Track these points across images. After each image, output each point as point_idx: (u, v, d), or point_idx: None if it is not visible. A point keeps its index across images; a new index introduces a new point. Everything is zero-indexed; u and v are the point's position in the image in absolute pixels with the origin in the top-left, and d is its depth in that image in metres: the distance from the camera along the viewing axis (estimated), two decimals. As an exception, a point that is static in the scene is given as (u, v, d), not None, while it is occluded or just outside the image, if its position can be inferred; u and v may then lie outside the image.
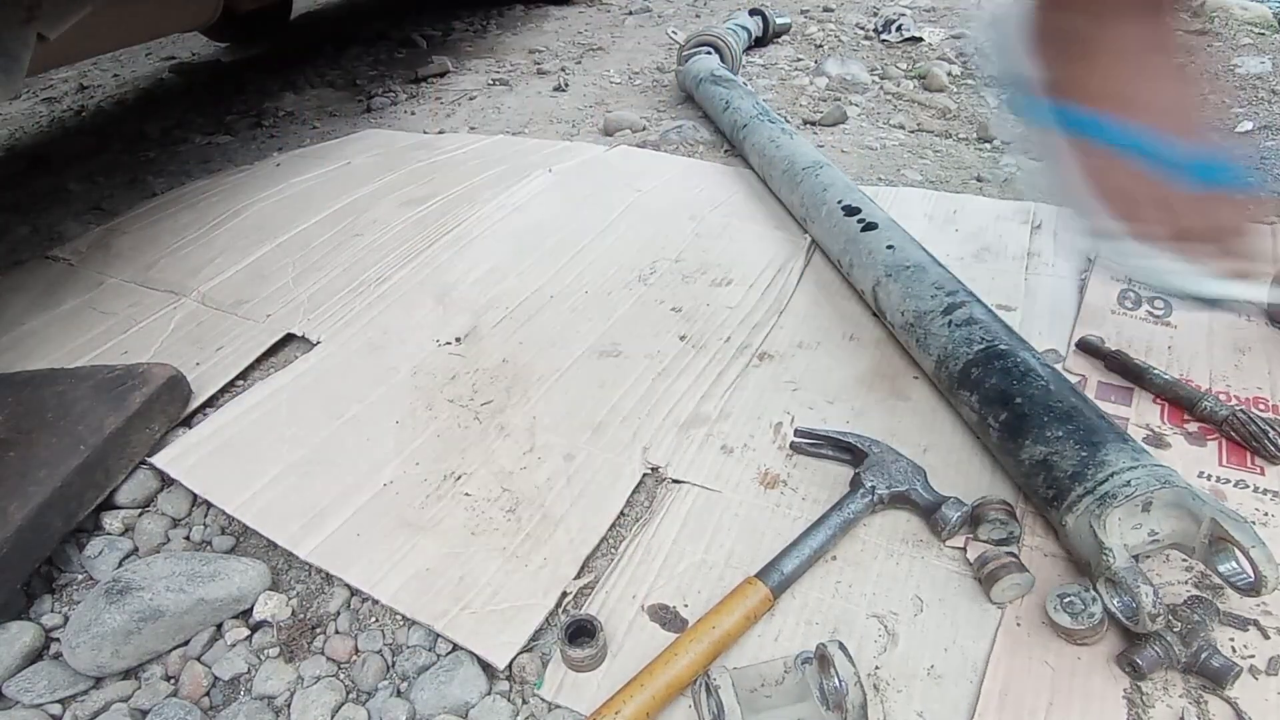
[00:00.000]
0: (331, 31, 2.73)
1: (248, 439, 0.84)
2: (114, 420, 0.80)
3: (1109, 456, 0.60)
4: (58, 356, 1.03)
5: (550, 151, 1.46)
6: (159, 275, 1.19)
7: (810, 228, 1.06)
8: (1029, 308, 0.92)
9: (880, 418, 0.80)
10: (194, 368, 0.95)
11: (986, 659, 0.58)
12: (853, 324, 0.93)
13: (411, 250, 1.15)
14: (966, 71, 1.70)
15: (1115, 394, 0.79)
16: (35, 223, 1.50)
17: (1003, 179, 1.24)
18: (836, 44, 1.95)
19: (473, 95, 1.91)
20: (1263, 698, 0.53)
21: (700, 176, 1.31)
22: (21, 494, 0.72)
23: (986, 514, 0.65)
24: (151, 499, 0.81)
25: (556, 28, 2.40)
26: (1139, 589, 0.52)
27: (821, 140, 1.44)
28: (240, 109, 2.03)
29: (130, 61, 2.73)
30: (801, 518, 0.70)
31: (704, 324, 0.95)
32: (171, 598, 0.67)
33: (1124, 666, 0.55)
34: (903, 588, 0.64)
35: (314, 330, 1.00)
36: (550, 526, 0.72)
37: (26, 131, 2.17)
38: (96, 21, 1.18)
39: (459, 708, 0.60)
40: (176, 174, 1.67)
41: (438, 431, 0.83)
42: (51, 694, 0.64)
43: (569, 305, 1.01)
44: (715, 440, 0.79)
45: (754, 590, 0.61)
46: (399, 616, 0.67)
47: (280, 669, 0.65)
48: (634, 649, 0.61)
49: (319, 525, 0.73)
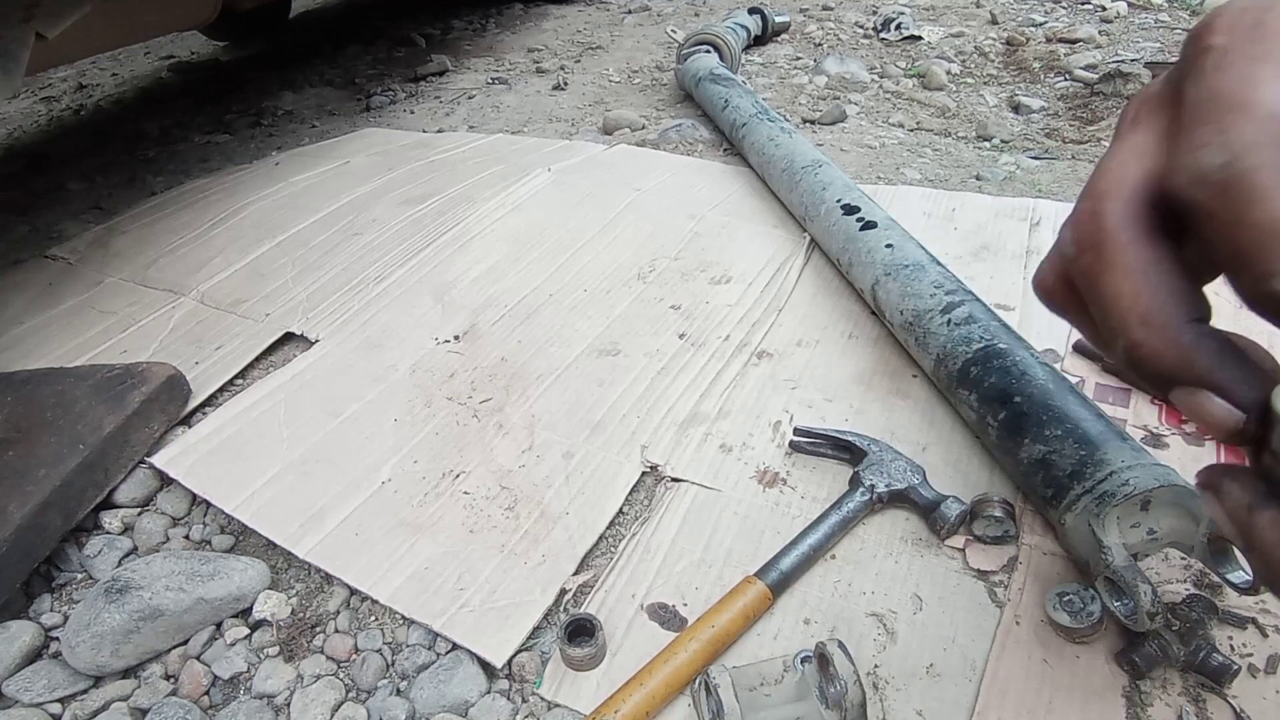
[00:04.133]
0: (330, 30, 2.73)
1: (247, 438, 0.84)
2: (113, 419, 0.80)
3: (1108, 455, 0.60)
4: (57, 355, 1.02)
5: (549, 150, 1.46)
6: (158, 274, 1.19)
7: (809, 226, 1.06)
8: (1027, 307, 0.92)
9: (879, 416, 0.80)
10: (193, 367, 0.95)
11: (986, 657, 0.58)
12: (852, 322, 0.93)
13: (410, 249, 1.15)
14: (965, 70, 1.70)
15: (1113, 395, 0.79)
16: (34, 222, 1.50)
17: (1002, 177, 1.24)
18: (836, 42, 1.94)
19: (472, 94, 1.91)
20: (1261, 696, 0.54)
21: (699, 175, 1.31)
22: (21, 493, 0.72)
23: (983, 510, 0.65)
24: (151, 498, 0.81)
25: (555, 26, 2.40)
26: (1138, 587, 0.52)
27: (820, 139, 1.44)
28: (239, 108, 2.03)
29: (129, 60, 2.73)
30: (800, 516, 0.70)
31: (703, 322, 0.95)
32: (171, 597, 0.67)
33: (1123, 665, 0.55)
34: (902, 586, 0.64)
35: (313, 329, 1.00)
36: (549, 524, 0.72)
37: (25, 130, 2.17)
38: (95, 20, 1.18)
39: (458, 706, 0.60)
40: (175, 173, 1.67)
41: (436, 430, 0.83)
42: (51, 693, 0.64)
43: (568, 303, 1.01)
44: (714, 439, 0.79)
45: (753, 589, 0.61)
46: (398, 615, 0.67)
47: (280, 668, 0.65)
48: (633, 648, 0.61)
49: (318, 524, 0.73)
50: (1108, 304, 0.28)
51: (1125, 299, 0.28)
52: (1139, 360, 0.28)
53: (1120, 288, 0.28)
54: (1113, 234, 0.28)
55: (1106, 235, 0.28)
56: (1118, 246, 0.28)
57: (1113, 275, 0.28)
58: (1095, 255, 0.29)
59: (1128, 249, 0.28)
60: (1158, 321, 0.27)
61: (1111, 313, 0.28)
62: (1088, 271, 0.29)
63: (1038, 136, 1.40)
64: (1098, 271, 0.29)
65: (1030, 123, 1.46)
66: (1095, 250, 0.29)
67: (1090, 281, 0.29)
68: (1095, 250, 0.29)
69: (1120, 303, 0.28)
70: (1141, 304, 0.27)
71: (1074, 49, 1.70)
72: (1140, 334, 0.27)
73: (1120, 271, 0.28)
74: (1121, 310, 0.28)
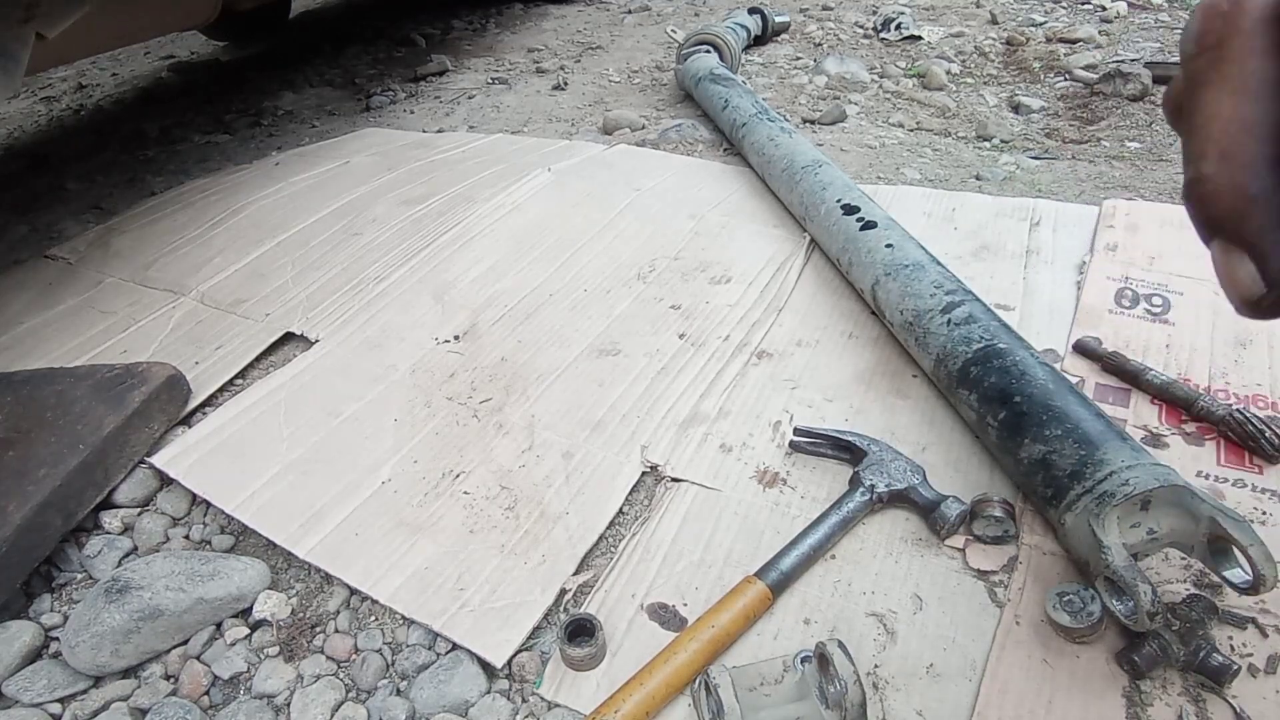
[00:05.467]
0: (330, 30, 2.73)
1: (247, 438, 0.84)
2: (113, 419, 0.80)
3: (1108, 455, 0.60)
4: (57, 355, 1.02)
5: (549, 150, 1.46)
6: (158, 274, 1.19)
7: (809, 226, 1.06)
8: (1027, 307, 0.92)
9: (879, 416, 0.80)
10: (193, 366, 0.95)
11: (986, 657, 0.58)
12: (851, 322, 0.93)
13: (410, 249, 1.15)
14: (965, 70, 1.70)
15: (1113, 395, 0.79)
16: (34, 222, 1.50)
17: (1002, 177, 1.24)
18: (836, 42, 1.94)
19: (472, 94, 1.91)
20: (1261, 695, 0.54)
21: (699, 175, 1.31)
22: (21, 493, 0.72)
23: (983, 510, 0.65)
24: (151, 498, 0.81)
25: (555, 26, 2.40)
26: (1138, 587, 0.52)
27: (820, 139, 1.44)
28: (239, 108, 2.03)
29: (129, 60, 2.73)
30: (800, 516, 0.70)
31: (703, 322, 0.95)
32: (171, 597, 0.67)
33: (1123, 665, 0.55)
34: (902, 586, 0.64)
35: (313, 329, 1.00)
36: (549, 524, 0.72)
37: (25, 130, 2.17)
38: (95, 21, 1.18)
39: (458, 706, 0.60)
40: (175, 173, 1.67)
41: (436, 429, 0.83)
42: (51, 693, 0.64)
43: (568, 303, 1.01)
44: (714, 439, 0.79)
45: (753, 589, 0.61)
46: (398, 615, 0.66)
47: (280, 668, 0.65)
48: (633, 648, 0.61)
49: (318, 524, 0.73)
50: (1200, 122, 0.25)
51: (1219, 121, 0.25)
52: (1198, 197, 0.25)
53: (1219, 106, 0.25)
54: (1243, 33, 0.24)
55: (1235, 33, 0.25)
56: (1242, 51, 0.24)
57: (1219, 89, 0.25)
58: (1213, 58, 0.25)
59: (1250, 58, 0.24)
60: (1239, 159, 0.24)
61: (1197, 135, 0.25)
62: (1196, 77, 0.26)
63: (1038, 136, 1.40)
64: (1206, 80, 0.25)
65: (1030, 123, 1.46)
66: (1217, 50, 0.25)
67: (1194, 88, 0.26)
68: (1217, 50, 0.25)
69: (1212, 125, 0.25)
70: (1232, 132, 0.24)
71: (1074, 49, 1.70)
72: (1211, 169, 0.25)
73: (1230, 84, 0.24)
74: (1212, 134, 0.25)
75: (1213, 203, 0.25)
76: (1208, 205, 0.25)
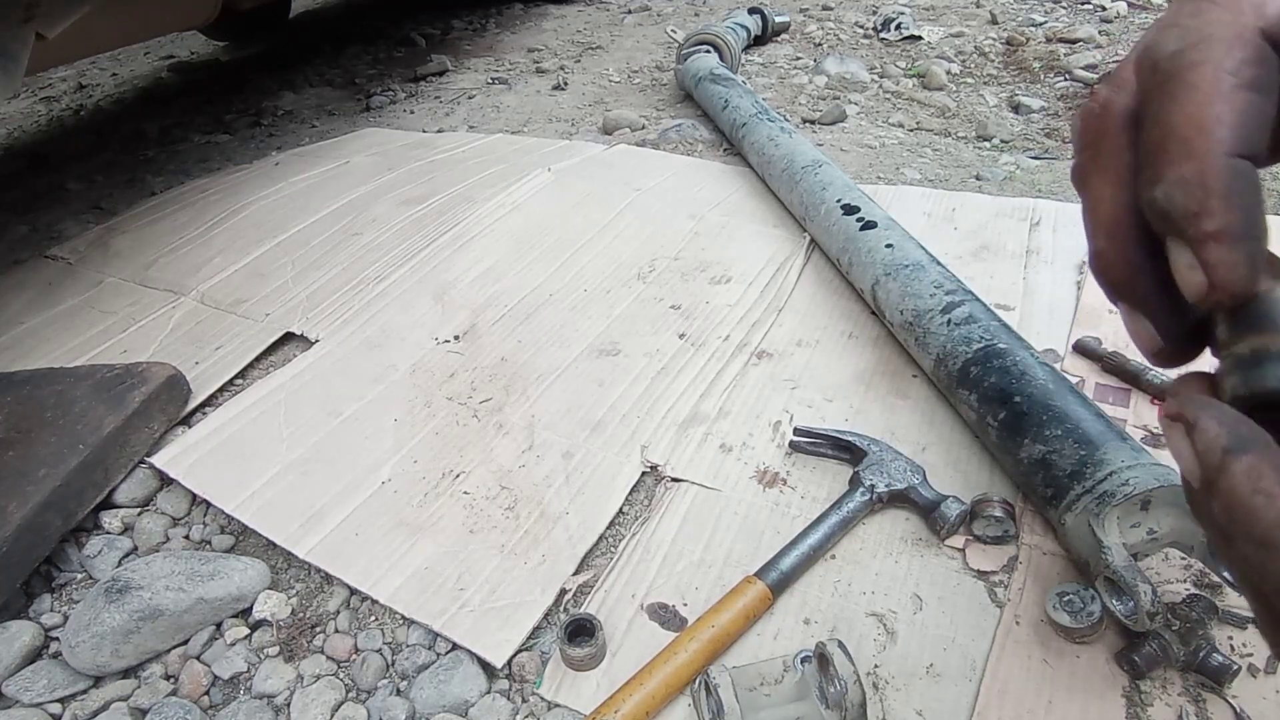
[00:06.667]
0: (330, 30, 2.73)
1: (247, 438, 0.84)
2: (113, 419, 0.80)
3: (1108, 455, 0.60)
4: (57, 355, 1.02)
5: (549, 150, 1.46)
6: (158, 274, 1.19)
7: (809, 226, 1.06)
8: (1027, 307, 0.92)
9: (879, 416, 0.80)
10: (193, 367, 0.95)
11: (986, 657, 0.58)
12: (851, 322, 0.93)
13: (410, 249, 1.15)
14: (965, 70, 1.70)
15: (1113, 395, 0.79)
16: (34, 222, 1.50)
17: (1002, 177, 1.24)
18: (836, 42, 1.94)
19: (472, 94, 1.91)
20: (1261, 696, 0.54)
21: (699, 175, 1.31)
22: (21, 493, 0.72)
23: (983, 510, 0.65)
24: (151, 498, 0.81)
25: (555, 26, 2.40)
26: (1138, 587, 0.52)
27: (820, 139, 1.44)
28: (239, 108, 2.03)
29: (129, 60, 2.73)
30: (800, 516, 0.70)
31: (703, 322, 0.95)
32: (171, 597, 0.67)
33: (1123, 665, 0.55)
34: (902, 586, 0.64)
35: (313, 329, 1.00)
36: (549, 524, 0.72)
37: (25, 130, 2.17)
38: (95, 21, 1.18)
39: (458, 706, 0.60)
40: (175, 173, 1.67)
41: (436, 429, 0.83)
42: (51, 693, 0.64)
43: (568, 303, 1.01)
44: (714, 439, 0.79)
45: (753, 589, 0.61)
46: (398, 615, 0.66)
47: (280, 668, 0.65)
48: (633, 648, 0.61)
49: (318, 524, 0.73)
50: (1090, 205, 0.27)
51: (1103, 204, 0.27)
52: (1097, 269, 0.27)
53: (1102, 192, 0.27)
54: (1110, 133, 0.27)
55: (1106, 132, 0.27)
56: (1112, 147, 0.27)
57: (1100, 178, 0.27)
58: (1092, 153, 0.27)
59: (1119, 153, 0.27)
60: (1120, 237, 0.26)
61: (1090, 216, 0.27)
62: (1084, 166, 0.28)
63: (1038, 136, 1.40)
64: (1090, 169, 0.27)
65: (1030, 123, 1.46)
66: (1094, 147, 0.27)
67: (1083, 176, 0.28)
68: (1094, 147, 0.27)
69: (1099, 208, 0.27)
70: (1114, 214, 0.26)
71: (1074, 49, 1.70)
72: (1103, 244, 0.27)
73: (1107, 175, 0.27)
74: (1099, 216, 0.27)
75: (1109, 272, 0.28)
76: (1105, 274, 0.28)
